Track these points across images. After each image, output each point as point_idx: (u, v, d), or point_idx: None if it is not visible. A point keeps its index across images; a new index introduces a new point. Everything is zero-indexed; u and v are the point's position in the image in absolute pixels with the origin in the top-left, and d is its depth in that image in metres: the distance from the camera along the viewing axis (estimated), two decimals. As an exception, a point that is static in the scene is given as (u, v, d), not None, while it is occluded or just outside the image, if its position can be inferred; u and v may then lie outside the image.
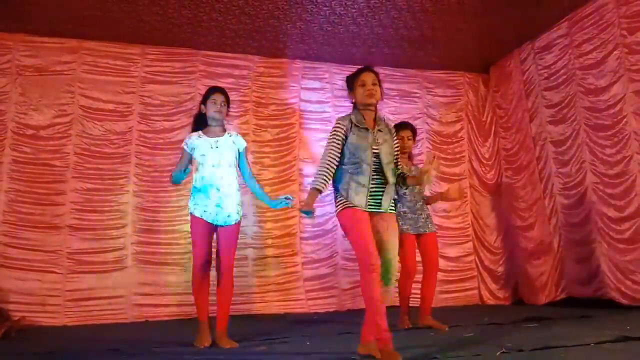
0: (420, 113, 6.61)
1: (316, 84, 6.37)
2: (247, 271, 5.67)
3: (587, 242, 5.12)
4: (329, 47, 5.99)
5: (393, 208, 2.80)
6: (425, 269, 4.23)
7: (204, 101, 3.54)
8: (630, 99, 4.68)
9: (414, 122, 6.50)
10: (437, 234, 4.30)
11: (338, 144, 2.73)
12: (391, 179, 2.74)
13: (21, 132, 5.31)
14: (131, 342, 3.57)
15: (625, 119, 4.72)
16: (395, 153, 2.87)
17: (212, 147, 3.43)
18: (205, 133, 3.50)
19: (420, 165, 4.59)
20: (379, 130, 2.79)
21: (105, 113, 5.58)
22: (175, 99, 5.82)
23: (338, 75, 6.43)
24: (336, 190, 2.77)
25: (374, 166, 2.71)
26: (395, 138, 2.90)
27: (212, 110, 3.47)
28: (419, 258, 4.25)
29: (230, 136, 3.53)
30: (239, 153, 3.54)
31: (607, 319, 3.96)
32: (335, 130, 2.76)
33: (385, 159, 2.73)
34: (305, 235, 5.91)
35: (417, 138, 6.44)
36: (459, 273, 6.30)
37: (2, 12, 5.03)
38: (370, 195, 2.70)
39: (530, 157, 5.96)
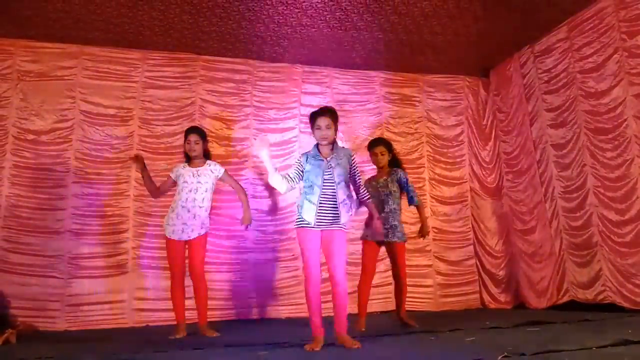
0: (420, 117, 6.63)
1: (316, 89, 6.38)
2: (247, 276, 5.66)
3: (588, 245, 5.11)
4: (329, 51, 6.00)
5: (342, 224, 3.26)
6: (393, 277, 4.57)
7: (184, 140, 4.30)
8: (630, 102, 4.68)
9: (414, 126, 6.57)
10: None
11: (297, 168, 3.38)
12: (340, 195, 3.26)
13: (22, 137, 5.32)
14: (132, 347, 3.57)
15: (625, 122, 4.72)
16: (354, 173, 3.39)
17: (193, 175, 4.19)
18: (189, 164, 4.28)
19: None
20: (333, 157, 3.32)
21: (106, 118, 5.60)
22: (176, 104, 5.83)
23: (338, 79, 6.45)
24: (297, 208, 3.35)
25: (324, 188, 3.24)
26: (353, 159, 3.40)
27: (186, 148, 4.26)
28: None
29: (209, 166, 4.29)
30: (221, 177, 4.32)
31: (608, 323, 3.95)
32: (296, 162, 3.43)
33: (337, 178, 3.27)
34: (306, 239, 5.90)
35: (417, 142, 6.52)
36: (460, 277, 6.30)
37: (3, 18, 5.05)
38: (319, 212, 3.22)
39: (531, 160, 5.96)
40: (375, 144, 4.61)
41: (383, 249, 4.54)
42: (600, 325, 3.85)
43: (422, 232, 4.56)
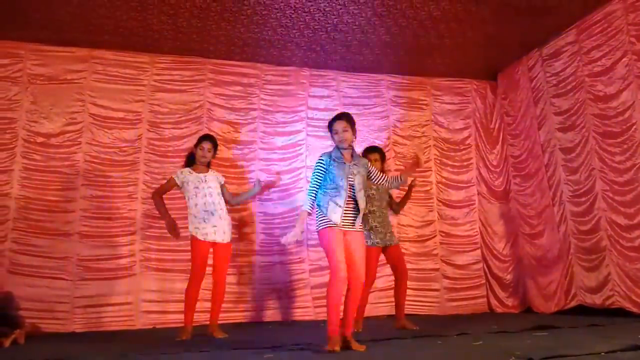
0: (427, 120, 6.62)
1: (324, 92, 6.39)
2: (254, 278, 5.67)
3: (596, 250, 5.08)
4: (336, 54, 6.01)
5: (362, 227, 3.40)
6: (397, 277, 4.67)
7: (196, 145, 4.42)
8: (639, 106, 4.65)
9: (422, 130, 6.57)
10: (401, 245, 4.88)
11: (320, 176, 3.37)
12: (362, 204, 3.34)
13: (32, 139, 5.37)
14: (139, 348, 3.58)
15: (634, 126, 4.70)
16: (372, 176, 3.54)
17: (202, 181, 4.30)
18: (194, 170, 4.36)
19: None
20: (354, 164, 3.42)
21: (115, 121, 5.64)
22: (184, 107, 5.87)
23: (345, 82, 6.46)
24: (318, 208, 3.36)
25: (349, 192, 3.32)
26: (370, 168, 3.53)
27: (199, 154, 4.39)
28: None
29: (213, 172, 4.45)
30: (222, 185, 4.44)
31: (617, 328, 3.92)
32: (318, 165, 3.40)
33: (358, 187, 3.34)
34: (312, 242, 5.91)
35: (425, 145, 6.51)
36: (467, 281, 6.27)
37: (13, 21, 5.10)
38: (344, 214, 3.29)
39: (539, 164, 5.94)
40: (371, 151, 4.74)
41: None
42: (608, 330, 3.83)
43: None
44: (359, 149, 5.90)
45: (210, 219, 4.22)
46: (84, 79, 5.62)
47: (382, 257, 4.71)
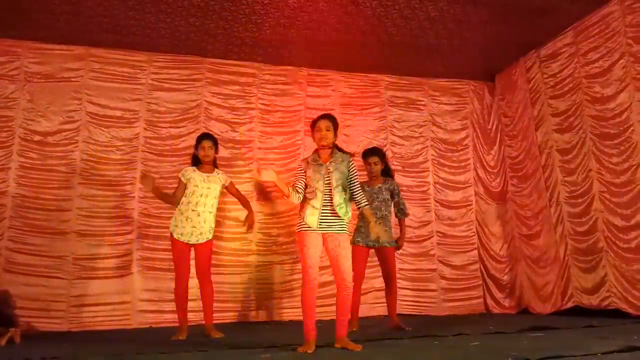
0: (425, 121, 6.62)
1: (322, 92, 6.39)
2: (251, 278, 5.67)
3: (593, 251, 5.09)
4: (335, 54, 6.01)
5: (344, 228, 3.35)
6: (384, 280, 4.71)
7: (196, 146, 4.37)
8: (636, 107, 4.67)
9: (419, 130, 6.58)
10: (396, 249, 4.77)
11: (301, 176, 3.43)
12: (337, 199, 3.31)
13: (28, 138, 5.35)
14: (135, 348, 3.57)
15: (631, 128, 4.71)
16: (351, 178, 3.41)
17: (204, 180, 4.28)
18: (199, 169, 4.34)
19: None
20: (332, 162, 3.38)
21: (112, 120, 5.62)
22: (182, 106, 5.86)
23: (344, 82, 6.46)
24: (299, 213, 3.41)
25: (325, 193, 3.32)
26: (351, 165, 3.44)
27: (201, 154, 4.33)
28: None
29: (217, 174, 4.39)
30: (227, 186, 4.42)
31: (613, 329, 3.93)
32: (298, 170, 3.49)
33: (335, 182, 3.33)
34: (310, 242, 5.90)
35: (422, 146, 6.52)
36: (464, 281, 6.28)
37: (11, 20, 5.09)
38: (321, 216, 3.29)
39: (536, 165, 5.95)
40: (370, 154, 4.76)
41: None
42: (605, 331, 3.84)
43: (400, 244, 4.78)
44: (358, 149, 5.96)
45: (193, 219, 4.19)
46: (81, 77, 5.60)
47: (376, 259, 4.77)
